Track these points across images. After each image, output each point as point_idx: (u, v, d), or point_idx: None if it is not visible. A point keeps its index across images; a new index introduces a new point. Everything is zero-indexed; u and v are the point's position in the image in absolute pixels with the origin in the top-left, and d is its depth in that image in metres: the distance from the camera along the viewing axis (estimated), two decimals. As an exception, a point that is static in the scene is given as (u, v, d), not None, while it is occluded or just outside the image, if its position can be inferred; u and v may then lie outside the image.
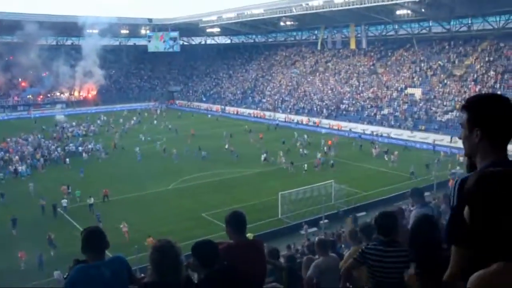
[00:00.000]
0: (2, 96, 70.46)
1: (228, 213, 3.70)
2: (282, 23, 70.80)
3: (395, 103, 51.16)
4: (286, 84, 68.26)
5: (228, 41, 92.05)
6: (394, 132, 45.95)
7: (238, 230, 3.64)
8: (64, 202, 26.58)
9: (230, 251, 3.49)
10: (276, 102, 64.35)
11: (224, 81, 79.71)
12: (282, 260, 7.13)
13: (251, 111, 65.15)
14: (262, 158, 36.91)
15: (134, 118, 61.54)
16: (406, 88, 52.65)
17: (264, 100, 66.69)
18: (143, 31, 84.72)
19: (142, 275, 3.62)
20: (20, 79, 72.20)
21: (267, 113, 61.92)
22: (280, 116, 59.85)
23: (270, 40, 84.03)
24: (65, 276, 3.80)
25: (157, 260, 2.90)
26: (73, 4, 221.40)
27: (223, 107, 70.01)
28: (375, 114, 50.68)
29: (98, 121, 58.76)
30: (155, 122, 59.44)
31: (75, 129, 53.13)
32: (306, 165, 34.87)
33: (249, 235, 3.87)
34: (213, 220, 24.29)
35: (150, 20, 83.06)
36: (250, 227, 15.26)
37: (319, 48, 70.80)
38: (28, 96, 71.73)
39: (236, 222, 3.64)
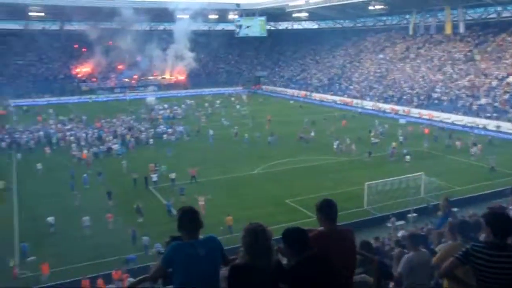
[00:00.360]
0: (102, 79, 78.63)
1: (319, 200, 3.79)
2: (371, 7, 70.08)
3: (494, 92, 49.27)
4: (375, 71, 67.70)
5: (316, 26, 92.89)
6: (492, 124, 44.19)
7: (329, 218, 3.71)
8: (154, 176, 29.74)
9: (321, 239, 3.56)
10: (363, 90, 64.34)
11: (311, 67, 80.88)
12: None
13: (337, 98, 65.70)
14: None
15: (218, 101, 65.08)
16: (508, 76, 50.31)
17: (351, 87, 66.81)
18: (231, 16, 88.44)
19: (234, 256, 3.81)
20: (117, 63, 79.35)
21: (354, 101, 62.12)
22: (367, 104, 59.81)
23: (358, 25, 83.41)
24: (161, 251, 4.32)
25: (249, 243, 3.09)
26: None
27: (309, 93, 71.50)
28: (471, 105, 48.83)
29: (183, 105, 62.14)
30: (237, 107, 61.98)
31: (164, 112, 57.02)
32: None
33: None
34: (297, 207, 24.58)
35: (238, 5, 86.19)
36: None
37: (410, 33, 69.15)
38: (124, 79, 79.07)
39: (328, 209, 3.71)
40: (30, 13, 73.85)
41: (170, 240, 3.68)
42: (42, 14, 74.95)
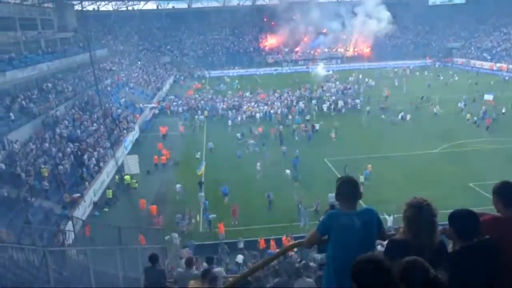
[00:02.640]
0: (287, 51, 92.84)
1: (498, 182, 3.70)
2: None
3: None
4: None
5: None
6: None
7: (507, 203, 3.59)
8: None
9: (495, 225, 3.48)
10: None
11: None
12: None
13: None
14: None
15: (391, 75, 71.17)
16: None
17: None
18: None
19: (392, 232, 4.08)
20: (303, 36, 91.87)
21: None
22: None
23: None
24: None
25: (411, 217, 3.32)
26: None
27: (511, 66, 72.95)
28: None
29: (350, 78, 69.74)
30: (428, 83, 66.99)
31: (333, 86, 64.56)
32: None
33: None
34: (481, 192, 24.81)
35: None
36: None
37: None
38: (308, 51, 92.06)
39: (507, 193, 3.61)
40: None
41: (329, 208, 4.30)
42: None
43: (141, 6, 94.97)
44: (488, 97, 51.34)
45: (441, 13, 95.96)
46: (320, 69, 77.17)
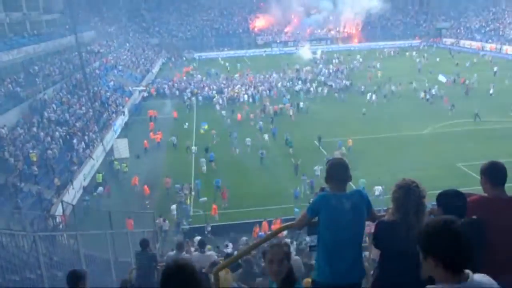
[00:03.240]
0: (276, 32, 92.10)
1: (486, 162, 3.71)
2: None
3: None
4: None
5: None
6: None
7: (494, 182, 3.60)
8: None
9: (482, 205, 3.51)
10: None
11: (506, 14, 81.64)
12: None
13: None
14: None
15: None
16: None
17: None
18: None
19: (382, 213, 4.07)
20: (292, 17, 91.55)
21: None
22: None
23: None
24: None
25: (399, 198, 3.38)
26: None
27: (499, 46, 73.26)
28: None
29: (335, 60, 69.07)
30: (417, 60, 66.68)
31: (323, 68, 63.69)
32: None
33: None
34: (469, 172, 24.82)
35: None
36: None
37: None
38: (298, 32, 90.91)
39: (494, 173, 3.63)
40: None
41: (320, 190, 4.16)
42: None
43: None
44: (442, 78, 52.54)
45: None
46: (304, 51, 75.84)
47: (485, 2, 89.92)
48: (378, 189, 23.52)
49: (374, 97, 45.62)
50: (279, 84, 54.54)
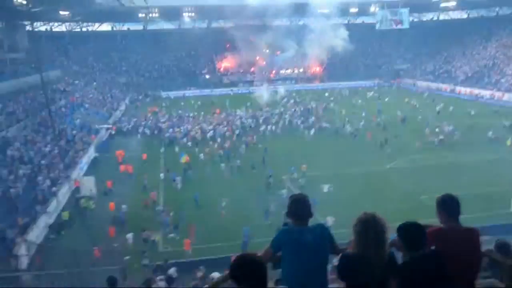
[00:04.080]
0: (242, 72, 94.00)
1: (441, 195, 4.00)
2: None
3: None
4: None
5: (465, 16, 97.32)
6: None
7: (450, 214, 3.87)
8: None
9: (440, 236, 3.73)
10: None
11: (457, 59, 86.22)
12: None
13: (486, 92, 69.67)
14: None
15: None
16: None
17: (503, 80, 70.55)
18: (372, 9, 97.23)
19: (345, 247, 4.04)
20: (257, 58, 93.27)
21: (507, 95, 65.72)
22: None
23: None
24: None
25: (360, 232, 3.41)
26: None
27: (453, 87, 77.09)
28: None
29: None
30: (359, 101, 69.97)
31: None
32: None
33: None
34: (432, 205, 30.43)
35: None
36: (474, 217, 18.65)
37: None
38: (263, 73, 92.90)
39: (449, 205, 3.89)
40: (184, 14, 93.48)
41: (282, 225, 4.26)
42: (193, 14, 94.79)
43: (96, 27, 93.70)
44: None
45: (389, 37, 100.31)
46: (261, 92, 75.53)
47: (437, 46, 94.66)
48: (330, 220, 23.18)
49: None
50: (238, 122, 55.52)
